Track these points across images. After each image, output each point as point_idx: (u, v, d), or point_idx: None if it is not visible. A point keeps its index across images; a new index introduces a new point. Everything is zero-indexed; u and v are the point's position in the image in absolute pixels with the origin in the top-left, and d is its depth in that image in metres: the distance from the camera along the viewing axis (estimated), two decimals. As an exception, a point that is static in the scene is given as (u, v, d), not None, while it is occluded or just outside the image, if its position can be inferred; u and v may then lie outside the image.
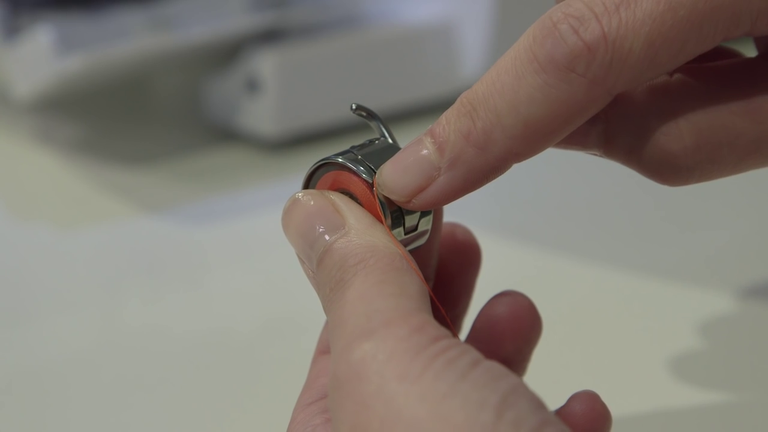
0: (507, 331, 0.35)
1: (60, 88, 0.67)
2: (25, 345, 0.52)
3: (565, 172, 0.67)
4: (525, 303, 0.35)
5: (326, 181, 0.34)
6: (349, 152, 0.34)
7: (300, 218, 0.33)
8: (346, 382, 0.29)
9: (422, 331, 0.29)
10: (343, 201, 0.33)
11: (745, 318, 0.50)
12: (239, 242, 0.61)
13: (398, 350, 0.28)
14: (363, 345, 0.29)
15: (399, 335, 0.29)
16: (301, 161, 0.69)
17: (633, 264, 0.55)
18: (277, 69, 0.68)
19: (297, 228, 0.33)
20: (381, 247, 0.32)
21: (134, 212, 0.64)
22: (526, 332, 0.35)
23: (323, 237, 0.32)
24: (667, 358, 0.47)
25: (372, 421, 0.28)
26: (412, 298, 0.30)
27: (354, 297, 0.30)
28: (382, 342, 0.29)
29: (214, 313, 0.54)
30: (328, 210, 0.33)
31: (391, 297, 0.30)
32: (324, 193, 0.34)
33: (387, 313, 0.29)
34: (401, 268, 0.31)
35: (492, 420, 0.27)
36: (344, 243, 0.32)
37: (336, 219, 0.33)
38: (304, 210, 0.33)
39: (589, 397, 0.34)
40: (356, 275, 0.31)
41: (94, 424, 0.46)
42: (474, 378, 0.28)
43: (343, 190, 0.34)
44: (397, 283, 0.31)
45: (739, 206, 0.62)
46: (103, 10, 0.68)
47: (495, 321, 0.35)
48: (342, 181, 0.34)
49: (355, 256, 0.31)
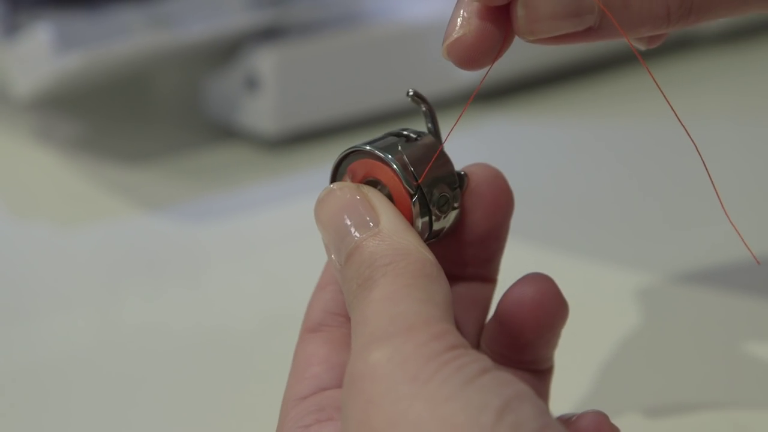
0: (530, 316, 0.34)
1: (59, 86, 0.67)
2: (24, 342, 0.52)
3: (564, 171, 0.67)
4: (550, 287, 0.35)
5: (357, 168, 0.34)
6: (387, 140, 0.34)
7: (333, 210, 0.33)
8: (359, 380, 0.29)
9: (441, 339, 0.29)
10: (378, 198, 0.33)
11: (742, 316, 0.50)
12: (239, 240, 0.61)
13: (414, 355, 0.29)
14: (382, 347, 0.29)
15: (418, 341, 0.29)
16: (300, 159, 0.69)
17: (627, 261, 0.55)
18: (276, 67, 0.68)
19: (330, 219, 0.33)
20: (413, 252, 0.32)
21: (134, 210, 0.64)
22: (550, 317, 0.34)
23: (355, 232, 0.32)
24: (663, 356, 0.47)
25: (378, 420, 0.28)
26: (438, 306, 0.30)
27: (380, 297, 0.30)
28: (400, 346, 0.29)
29: (214, 311, 0.54)
30: (364, 206, 0.33)
31: (417, 302, 0.30)
32: (360, 187, 0.34)
33: (410, 318, 0.30)
34: (431, 275, 0.31)
35: (491, 422, 0.27)
36: (376, 242, 0.32)
37: (370, 216, 0.33)
38: (339, 202, 0.33)
39: (597, 418, 0.33)
40: (385, 275, 0.31)
41: (94, 421, 0.46)
42: (480, 383, 0.28)
43: (374, 179, 0.34)
44: (425, 290, 0.31)
45: (735, 203, 0.62)
46: (103, 8, 0.68)
47: (519, 305, 0.34)
48: (374, 170, 0.34)
49: (386, 257, 0.31)
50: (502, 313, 0.35)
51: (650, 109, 0.72)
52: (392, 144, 0.34)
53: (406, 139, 0.35)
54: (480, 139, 0.73)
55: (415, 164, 0.34)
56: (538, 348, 0.35)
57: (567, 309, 0.35)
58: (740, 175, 0.67)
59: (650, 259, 0.55)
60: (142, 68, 0.78)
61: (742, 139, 0.67)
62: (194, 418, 0.45)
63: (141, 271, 0.58)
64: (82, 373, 0.49)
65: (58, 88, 0.67)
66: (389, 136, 0.35)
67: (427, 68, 0.73)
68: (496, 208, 0.35)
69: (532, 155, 0.71)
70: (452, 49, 0.34)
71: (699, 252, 0.56)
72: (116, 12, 0.67)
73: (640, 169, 0.68)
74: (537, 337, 0.34)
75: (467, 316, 0.36)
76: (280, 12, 0.70)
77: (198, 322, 0.52)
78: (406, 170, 0.34)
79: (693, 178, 0.66)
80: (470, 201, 0.35)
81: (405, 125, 0.36)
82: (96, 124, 0.75)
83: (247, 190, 0.67)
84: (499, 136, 0.73)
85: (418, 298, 0.30)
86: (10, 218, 0.66)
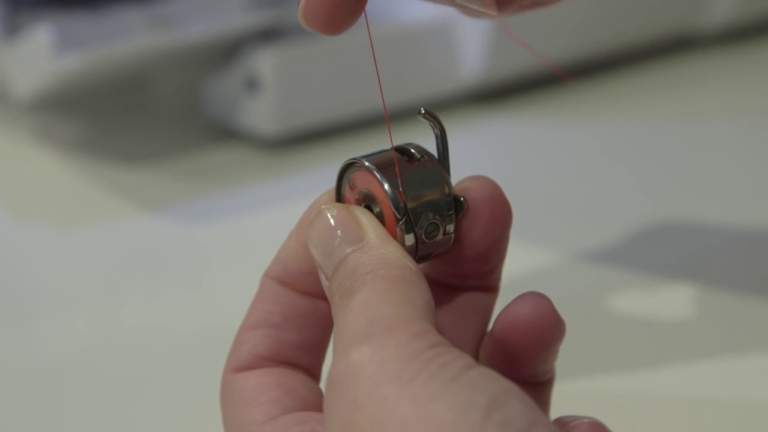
0: (525, 337, 0.34)
1: (60, 87, 0.67)
2: (25, 343, 0.52)
3: (563, 171, 0.67)
4: (546, 306, 0.34)
5: (357, 179, 0.35)
6: (389, 157, 0.34)
7: (322, 228, 0.33)
8: (341, 382, 0.29)
9: (421, 337, 0.29)
10: (366, 216, 0.33)
11: (743, 316, 0.50)
12: (239, 241, 0.61)
13: (395, 355, 0.29)
14: (361, 348, 0.29)
15: (398, 341, 0.29)
16: (300, 159, 0.69)
17: (627, 261, 0.55)
18: (276, 68, 0.68)
19: (318, 237, 0.33)
20: (393, 260, 0.32)
21: (134, 211, 0.64)
22: (546, 337, 0.34)
23: (340, 248, 0.33)
24: (664, 356, 0.47)
25: (363, 421, 0.28)
26: (417, 309, 0.30)
27: (359, 303, 0.30)
28: (380, 346, 0.29)
29: (214, 312, 0.54)
30: (350, 223, 0.33)
31: (395, 305, 0.30)
32: (349, 207, 0.34)
33: (388, 320, 0.30)
34: (410, 281, 0.31)
35: (479, 420, 0.27)
36: (359, 255, 0.32)
37: (356, 232, 0.33)
38: (326, 221, 0.33)
39: (593, 428, 0.33)
40: (365, 284, 0.31)
41: (94, 422, 0.46)
42: (465, 380, 0.28)
43: (370, 193, 0.34)
44: (404, 294, 0.31)
45: (735, 206, 0.62)
46: (103, 8, 0.68)
47: (514, 326, 0.34)
48: (371, 185, 0.34)
49: (366, 266, 0.32)
50: (498, 333, 0.34)
51: (650, 110, 0.72)
52: (391, 162, 0.34)
53: (409, 158, 0.34)
54: (479, 139, 0.73)
55: (409, 187, 0.33)
56: (536, 365, 0.34)
57: (563, 328, 0.34)
58: (740, 175, 0.67)
59: (650, 260, 0.55)
60: (143, 69, 0.78)
61: (742, 139, 0.67)
62: (195, 418, 0.45)
63: (141, 272, 0.58)
64: (82, 374, 0.49)
65: (59, 89, 0.67)
66: (390, 152, 0.34)
67: (427, 69, 0.73)
68: (494, 224, 0.35)
69: (532, 156, 0.71)
70: (307, 16, 0.35)
71: (699, 252, 0.56)
72: (116, 13, 0.68)
73: (639, 169, 0.68)
74: (533, 357, 0.34)
75: (468, 326, 0.36)
76: (280, 13, 0.70)
77: (198, 322, 0.52)
78: (396, 193, 0.33)
79: (693, 178, 0.66)
80: (468, 219, 0.35)
81: (404, 126, 0.36)
82: (96, 125, 0.75)
83: (247, 190, 0.67)
84: (499, 136, 0.73)
85: (395, 301, 0.30)
86: (11, 219, 0.66)
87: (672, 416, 0.44)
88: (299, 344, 0.36)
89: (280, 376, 0.35)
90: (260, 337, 0.36)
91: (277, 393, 0.35)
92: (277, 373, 0.35)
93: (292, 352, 0.36)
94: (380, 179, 0.34)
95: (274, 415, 0.34)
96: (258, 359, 0.36)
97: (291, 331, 0.36)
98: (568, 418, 0.33)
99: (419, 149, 0.34)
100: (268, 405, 0.34)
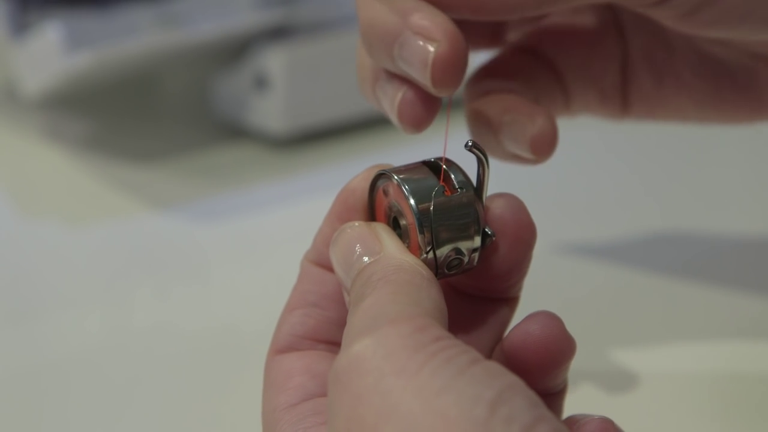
0: (535, 356, 0.34)
1: (69, 85, 0.67)
2: (33, 340, 0.52)
3: (565, 171, 0.67)
4: (555, 325, 0.34)
5: (389, 189, 0.35)
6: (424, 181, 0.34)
7: (342, 246, 0.34)
8: (344, 375, 0.29)
9: (425, 330, 0.29)
10: (385, 231, 0.34)
11: (743, 316, 0.50)
12: (247, 239, 0.61)
13: (398, 347, 0.29)
14: (364, 340, 0.29)
15: (401, 332, 0.29)
16: (309, 158, 0.69)
17: (629, 262, 0.55)
18: (285, 66, 0.68)
19: (340, 254, 0.34)
20: (406, 266, 0.32)
21: (142, 209, 0.64)
22: (556, 356, 0.34)
23: (359, 261, 0.33)
24: (665, 356, 0.47)
25: (367, 414, 0.28)
26: (424, 309, 0.30)
27: (367, 305, 0.31)
28: (384, 338, 0.29)
29: (222, 310, 0.54)
30: (369, 237, 0.34)
31: (400, 304, 0.30)
32: (371, 224, 0.34)
33: (393, 315, 0.30)
34: (420, 285, 0.31)
35: (485, 415, 0.27)
36: (374, 264, 0.33)
37: (374, 246, 0.33)
38: (347, 239, 0.34)
39: (602, 424, 0.33)
40: (375, 288, 0.31)
41: (100, 420, 0.46)
42: (471, 374, 0.28)
43: (399, 206, 0.34)
44: (412, 295, 0.31)
45: (735, 203, 0.62)
46: (112, 7, 0.68)
47: (523, 345, 0.34)
48: (401, 201, 0.34)
49: (379, 273, 0.32)
50: (508, 351, 0.34)
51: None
52: (426, 189, 0.34)
53: (445, 187, 0.34)
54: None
55: (439, 223, 0.33)
56: (547, 382, 0.34)
57: (574, 347, 0.34)
58: (740, 175, 0.66)
59: (651, 260, 0.55)
60: (152, 67, 0.78)
61: (742, 140, 0.67)
62: (200, 416, 0.45)
63: (150, 270, 0.58)
64: (90, 371, 0.49)
65: (68, 87, 0.68)
66: (428, 171, 0.34)
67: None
68: (518, 245, 0.35)
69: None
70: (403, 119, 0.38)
71: (699, 253, 0.56)
72: (125, 11, 0.68)
73: (640, 170, 0.67)
74: (543, 375, 0.34)
75: (484, 334, 0.36)
76: (289, 11, 0.70)
77: (206, 321, 0.52)
78: (424, 226, 0.33)
79: (694, 179, 0.66)
80: (492, 243, 0.35)
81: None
82: (105, 123, 0.75)
83: (256, 189, 0.67)
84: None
85: (402, 300, 0.30)
86: (20, 216, 0.66)
87: (678, 417, 0.44)
88: (337, 321, 0.36)
89: (311, 361, 0.36)
90: (298, 316, 0.36)
91: (304, 379, 0.35)
92: (310, 357, 0.36)
93: (330, 329, 0.36)
94: (413, 212, 0.33)
95: (296, 402, 0.34)
96: (297, 339, 0.36)
97: (328, 309, 0.36)
98: (578, 416, 0.33)
99: (459, 177, 0.34)
100: (293, 391, 0.35)
